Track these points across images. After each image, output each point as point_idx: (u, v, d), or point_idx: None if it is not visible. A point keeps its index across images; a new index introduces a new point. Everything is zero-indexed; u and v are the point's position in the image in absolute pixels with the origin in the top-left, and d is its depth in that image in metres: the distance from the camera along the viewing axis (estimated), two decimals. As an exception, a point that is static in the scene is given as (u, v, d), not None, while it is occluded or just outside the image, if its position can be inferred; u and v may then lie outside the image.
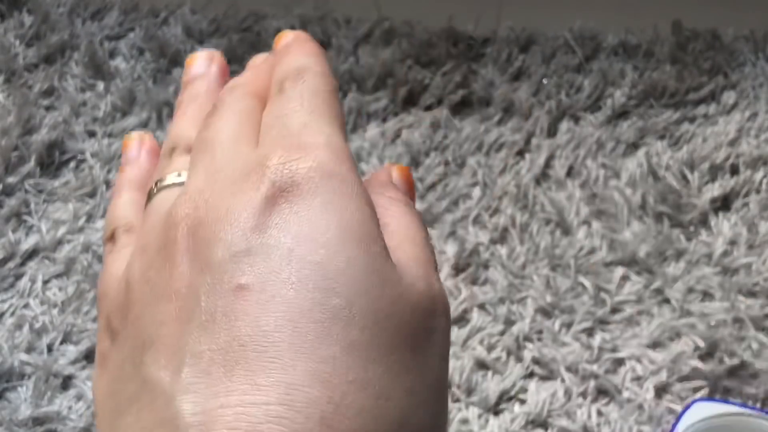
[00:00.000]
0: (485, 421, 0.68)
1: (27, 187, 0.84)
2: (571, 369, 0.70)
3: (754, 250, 0.78)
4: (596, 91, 0.92)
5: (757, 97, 0.92)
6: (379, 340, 0.21)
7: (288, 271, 0.21)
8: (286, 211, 0.22)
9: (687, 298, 0.75)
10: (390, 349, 0.21)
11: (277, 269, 0.21)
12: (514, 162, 0.86)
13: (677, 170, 0.84)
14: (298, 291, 0.21)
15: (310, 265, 0.21)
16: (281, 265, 0.21)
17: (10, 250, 0.79)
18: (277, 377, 0.20)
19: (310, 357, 0.20)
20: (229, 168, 0.24)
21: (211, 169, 0.25)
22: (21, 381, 0.71)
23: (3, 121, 0.89)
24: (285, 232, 0.22)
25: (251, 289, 0.21)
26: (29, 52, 0.98)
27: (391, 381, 0.21)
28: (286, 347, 0.20)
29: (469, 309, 0.74)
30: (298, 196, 0.23)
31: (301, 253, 0.22)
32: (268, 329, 0.20)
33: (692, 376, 0.70)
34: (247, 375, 0.20)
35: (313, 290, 0.21)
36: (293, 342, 0.20)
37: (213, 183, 0.24)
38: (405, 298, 0.22)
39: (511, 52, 0.97)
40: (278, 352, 0.20)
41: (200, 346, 0.21)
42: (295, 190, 0.23)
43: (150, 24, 1.02)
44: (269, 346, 0.20)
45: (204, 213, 0.23)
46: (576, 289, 0.75)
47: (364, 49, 0.99)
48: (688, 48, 0.97)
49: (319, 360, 0.20)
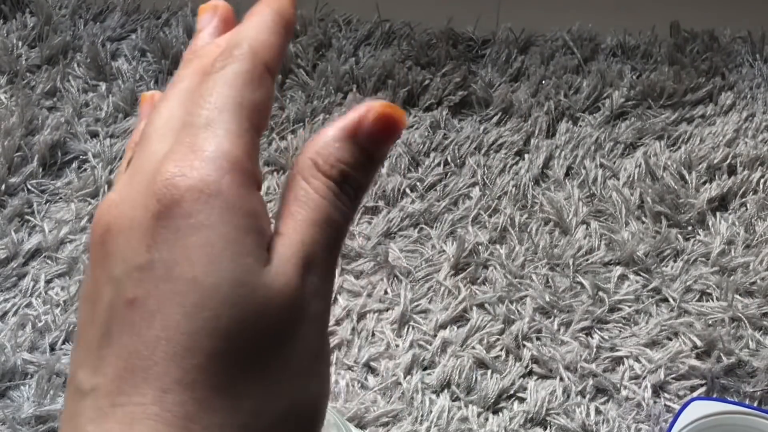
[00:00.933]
0: (484, 419, 0.69)
1: (30, 187, 0.85)
2: (569, 368, 0.71)
3: (752, 249, 0.79)
4: (595, 92, 0.93)
5: (754, 98, 0.93)
6: (245, 346, 0.24)
7: (168, 287, 0.24)
8: (171, 229, 0.25)
9: (685, 298, 0.75)
10: (255, 353, 0.24)
11: (160, 285, 0.24)
12: (513, 162, 0.87)
13: (675, 170, 0.85)
14: (173, 306, 0.24)
15: (186, 283, 0.24)
16: (163, 282, 0.24)
17: (13, 250, 0.79)
18: (153, 383, 0.24)
19: (179, 366, 0.24)
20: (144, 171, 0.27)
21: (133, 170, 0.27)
22: (24, 380, 0.71)
23: (6, 121, 0.89)
24: (168, 250, 0.25)
25: (138, 305, 0.24)
26: (32, 54, 0.99)
27: (254, 383, 0.24)
28: (162, 358, 0.24)
29: (469, 308, 0.75)
30: (179, 216, 0.25)
31: (179, 271, 0.24)
32: (148, 341, 0.24)
33: (690, 375, 0.70)
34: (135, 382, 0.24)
35: (186, 305, 0.24)
36: (167, 352, 0.24)
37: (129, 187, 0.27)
38: (273, 303, 0.25)
39: (510, 53, 0.98)
40: (155, 362, 0.24)
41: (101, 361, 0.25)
42: (177, 209, 0.25)
43: (152, 25, 1.03)
44: (149, 355, 0.24)
45: (113, 221, 0.26)
46: (575, 289, 0.76)
47: (364, 50, 0.99)
48: (686, 49, 0.98)
49: (187, 369, 0.24)
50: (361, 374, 0.71)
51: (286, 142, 0.89)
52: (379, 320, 0.74)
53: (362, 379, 0.71)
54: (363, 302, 0.75)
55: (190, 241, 0.25)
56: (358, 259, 0.78)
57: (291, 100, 0.93)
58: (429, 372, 0.71)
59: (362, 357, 0.72)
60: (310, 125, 0.91)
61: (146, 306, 0.24)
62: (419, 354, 0.72)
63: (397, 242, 0.80)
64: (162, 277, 0.24)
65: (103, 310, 0.25)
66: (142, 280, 0.25)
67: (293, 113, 0.91)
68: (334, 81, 0.94)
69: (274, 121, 0.91)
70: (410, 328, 0.74)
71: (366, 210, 0.83)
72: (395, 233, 0.81)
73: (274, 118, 0.91)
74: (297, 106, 0.92)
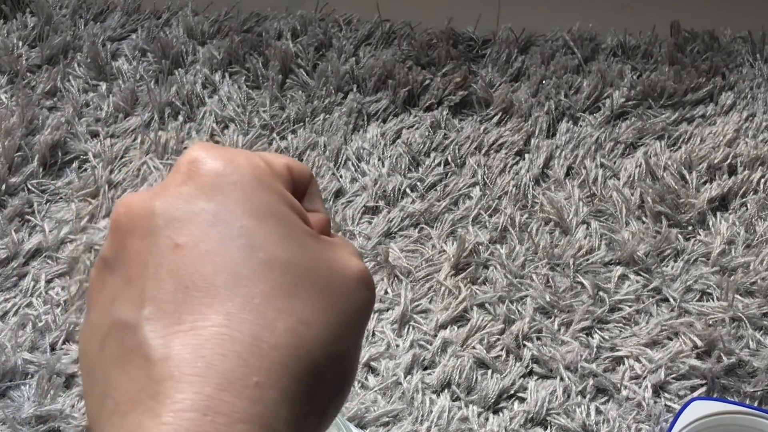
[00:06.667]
0: (485, 419, 0.69)
1: (30, 187, 0.85)
2: (570, 368, 0.71)
3: (752, 249, 0.78)
4: (595, 91, 0.93)
5: (754, 98, 0.93)
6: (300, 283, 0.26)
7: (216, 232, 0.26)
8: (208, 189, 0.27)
9: (685, 298, 0.75)
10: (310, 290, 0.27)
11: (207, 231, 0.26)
12: (513, 162, 0.87)
13: (675, 170, 0.85)
14: (227, 247, 0.26)
15: (238, 229, 0.27)
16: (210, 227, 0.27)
17: (14, 250, 0.79)
18: (217, 308, 0.25)
19: (243, 294, 0.25)
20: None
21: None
22: (24, 380, 0.71)
23: (6, 121, 0.89)
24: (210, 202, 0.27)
25: (187, 247, 0.26)
26: (32, 54, 0.99)
27: (311, 313, 0.26)
28: (223, 287, 0.25)
29: (469, 308, 0.75)
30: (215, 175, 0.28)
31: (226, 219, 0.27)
32: (206, 275, 0.26)
33: (690, 375, 0.70)
34: (193, 309, 0.25)
35: (241, 247, 0.26)
36: (227, 283, 0.25)
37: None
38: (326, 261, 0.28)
39: (511, 53, 0.98)
40: (216, 291, 0.25)
41: (153, 293, 0.26)
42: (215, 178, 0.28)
43: (152, 25, 1.03)
44: (209, 287, 0.25)
45: (136, 198, 0.28)
46: (575, 289, 0.76)
47: (364, 50, 0.99)
48: (686, 49, 0.98)
49: (251, 296, 0.25)
50: (362, 374, 0.71)
51: (286, 142, 0.89)
52: (379, 320, 0.74)
53: (363, 379, 0.71)
54: (363, 302, 0.75)
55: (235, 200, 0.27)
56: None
57: (291, 100, 0.93)
58: (429, 372, 0.71)
59: (362, 357, 0.72)
60: (311, 125, 0.91)
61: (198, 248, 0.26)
62: (419, 354, 0.72)
63: (397, 242, 0.80)
64: (210, 221, 0.27)
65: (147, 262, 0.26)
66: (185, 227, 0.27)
67: (293, 113, 0.91)
68: (335, 81, 0.94)
69: (274, 121, 0.91)
70: (410, 328, 0.74)
71: (366, 210, 0.83)
72: (395, 233, 0.81)
73: (274, 118, 0.91)
74: (297, 106, 0.92)
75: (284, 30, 1.01)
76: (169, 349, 0.24)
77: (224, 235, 0.26)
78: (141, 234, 0.27)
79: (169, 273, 0.26)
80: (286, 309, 0.26)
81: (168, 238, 0.26)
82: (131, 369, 0.25)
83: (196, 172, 0.28)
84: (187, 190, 0.27)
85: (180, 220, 0.27)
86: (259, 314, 0.25)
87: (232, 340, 0.25)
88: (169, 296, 0.25)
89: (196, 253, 0.26)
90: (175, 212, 0.27)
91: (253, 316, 0.25)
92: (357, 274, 0.28)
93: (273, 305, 0.26)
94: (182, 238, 0.26)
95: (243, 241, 0.26)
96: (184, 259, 0.26)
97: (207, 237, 0.26)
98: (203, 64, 0.97)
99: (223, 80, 0.96)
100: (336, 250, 0.29)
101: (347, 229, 0.81)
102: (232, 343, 0.25)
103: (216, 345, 0.24)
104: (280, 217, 0.28)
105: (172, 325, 0.25)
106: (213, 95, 0.95)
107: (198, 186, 0.27)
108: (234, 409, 0.24)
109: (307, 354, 0.26)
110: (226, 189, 0.28)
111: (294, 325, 0.26)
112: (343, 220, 0.82)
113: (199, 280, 0.26)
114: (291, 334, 0.25)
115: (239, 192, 0.28)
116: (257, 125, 0.91)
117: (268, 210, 0.28)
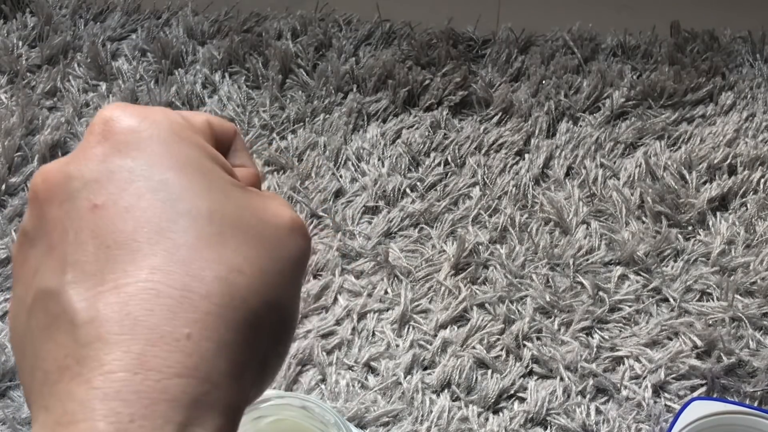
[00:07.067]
0: (485, 419, 0.69)
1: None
2: (570, 368, 0.71)
3: (752, 249, 0.79)
4: (595, 91, 0.93)
5: (754, 98, 0.93)
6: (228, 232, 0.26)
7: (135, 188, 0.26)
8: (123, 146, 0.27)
9: (685, 298, 0.75)
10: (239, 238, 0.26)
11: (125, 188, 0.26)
12: (513, 162, 0.87)
13: (675, 170, 0.85)
14: (148, 202, 0.25)
15: (157, 183, 0.26)
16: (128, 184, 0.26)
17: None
18: (141, 264, 0.24)
19: (167, 246, 0.25)
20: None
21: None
22: (24, 379, 0.71)
23: (6, 121, 0.89)
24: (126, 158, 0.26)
25: (106, 206, 0.25)
26: (32, 54, 0.99)
27: (243, 261, 0.25)
28: (146, 242, 0.25)
29: (469, 308, 0.75)
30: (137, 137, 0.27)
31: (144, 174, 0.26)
32: (127, 231, 0.25)
33: (690, 375, 0.70)
34: (117, 266, 0.24)
35: (162, 200, 0.25)
36: (150, 238, 0.25)
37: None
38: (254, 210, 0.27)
39: (511, 53, 0.98)
40: (139, 246, 0.25)
41: (75, 257, 0.25)
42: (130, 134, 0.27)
43: (152, 25, 1.03)
44: (131, 243, 0.25)
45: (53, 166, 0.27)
46: (575, 289, 0.76)
47: (364, 50, 0.99)
48: (686, 49, 0.98)
49: (176, 247, 0.25)
50: (362, 374, 0.71)
51: (286, 142, 0.89)
52: (379, 320, 0.74)
53: (362, 379, 0.71)
54: (363, 302, 0.75)
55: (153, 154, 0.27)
56: (359, 259, 0.78)
57: (291, 100, 0.93)
58: (429, 372, 0.71)
59: (362, 357, 0.72)
60: (310, 125, 0.91)
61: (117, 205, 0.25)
62: (419, 354, 0.72)
63: (397, 242, 0.80)
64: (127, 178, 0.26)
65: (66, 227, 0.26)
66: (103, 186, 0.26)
67: (293, 113, 0.91)
68: (335, 81, 0.94)
69: (274, 121, 0.91)
70: (410, 328, 0.74)
71: (366, 210, 0.83)
72: (395, 233, 0.81)
73: (274, 118, 0.91)
74: (297, 106, 0.92)
75: (284, 30, 1.01)
76: (95, 310, 0.24)
77: (143, 190, 0.26)
78: (59, 201, 0.26)
79: (89, 235, 0.25)
80: (215, 258, 0.25)
81: (86, 200, 0.26)
82: (58, 336, 0.24)
83: (111, 131, 0.27)
84: (102, 150, 0.27)
85: (97, 180, 0.26)
86: (185, 265, 0.24)
87: (159, 294, 0.24)
88: (91, 258, 0.25)
89: (115, 212, 0.25)
90: (91, 174, 0.26)
91: (179, 268, 0.24)
92: (289, 222, 0.28)
93: (200, 255, 0.25)
94: (100, 198, 0.26)
95: (163, 194, 0.26)
96: (104, 219, 0.25)
97: (125, 194, 0.26)
98: (203, 64, 0.97)
99: (223, 80, 0.96)
100: (265, 200, 0.28)
101: (347, 229, 0.81)
102: (159, 297, 0.24)
103: (142, 300, 0.24)
104: (201, 168, 0.27)
105: (96, 286, 0.24)
106: (213, 95, 0.95)
107: (113, 144, 0.27)
108: (166, 364, 0.23)
109: (242, 302, 0.25)
110: (142, 144, 0.27)
111: (225, 273, 0.25)
112: (343, 220, 0.82)
113: (120, 237, 0.25)
114: (222, 282, 0.25)
115: (156, 146, 0.27)
116: (257, 125, 0.91)
117: (188, 162, 0.27)
